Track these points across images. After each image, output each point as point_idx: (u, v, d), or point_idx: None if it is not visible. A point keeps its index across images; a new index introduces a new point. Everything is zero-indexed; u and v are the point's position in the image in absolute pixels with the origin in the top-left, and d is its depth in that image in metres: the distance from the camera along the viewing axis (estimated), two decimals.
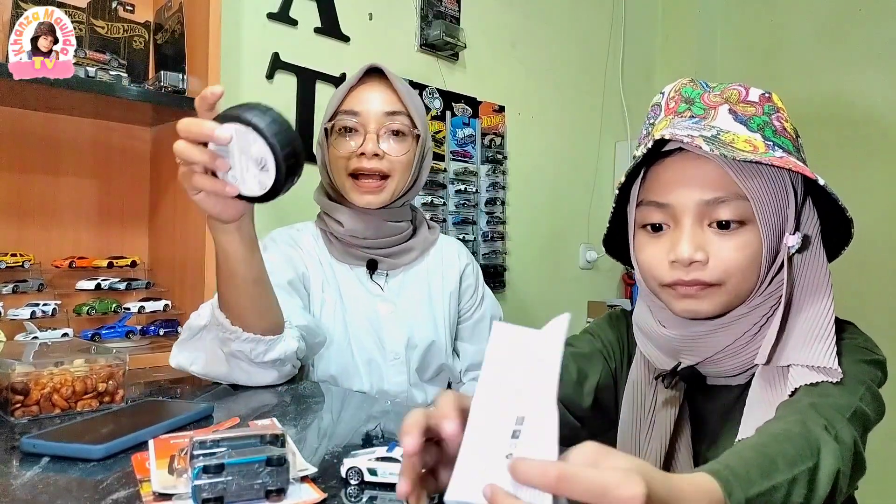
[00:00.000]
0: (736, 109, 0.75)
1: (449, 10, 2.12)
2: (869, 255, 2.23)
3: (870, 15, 2.42)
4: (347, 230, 1.18)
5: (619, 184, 0.81)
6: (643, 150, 0.76)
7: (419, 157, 1.21)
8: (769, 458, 0.55)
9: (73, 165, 1.42)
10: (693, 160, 0.74)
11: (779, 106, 0.77)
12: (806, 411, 0.63)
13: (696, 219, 0.74)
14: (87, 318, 1.31)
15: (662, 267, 0.76)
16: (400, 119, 1.17)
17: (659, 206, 0.76)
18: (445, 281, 1.28)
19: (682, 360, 0.79)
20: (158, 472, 0.57)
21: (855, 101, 2.44)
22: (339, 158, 1.17)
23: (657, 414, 0.83)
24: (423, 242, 1.27)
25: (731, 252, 0.73)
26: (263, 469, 0.52)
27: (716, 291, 0.74)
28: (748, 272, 0.74)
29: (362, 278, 1.21)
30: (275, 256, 1.14)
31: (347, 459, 0.59)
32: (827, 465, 0.57)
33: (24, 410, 0.76)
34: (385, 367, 1.18)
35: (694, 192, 0.73)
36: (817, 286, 0.74)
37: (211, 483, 0.51)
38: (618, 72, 2.77)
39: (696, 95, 0.78)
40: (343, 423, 0.88)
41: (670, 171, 0.76)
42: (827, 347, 0.70)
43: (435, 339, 1.22)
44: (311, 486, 0.57)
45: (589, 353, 0.91)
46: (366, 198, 1.16)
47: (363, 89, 1.18)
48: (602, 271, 2.77)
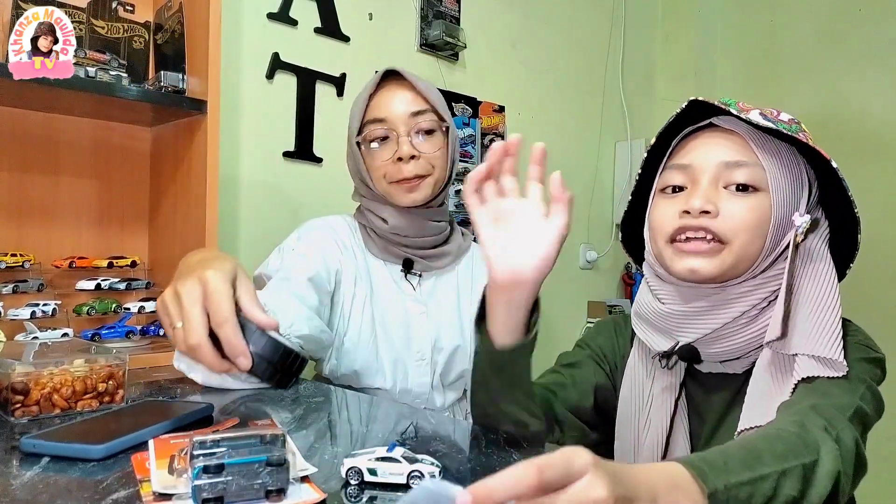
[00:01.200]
0: (766, 114, 0.79)
1: (449, 10, 2.12)
2: (867, 254, 2.22)
3: (870, 15, 2.42)
4: (391, 227, 1.19)
5: (649, 146, 0.86)
6: (677, 110, 0.81)
7: (451, 149, 1.23)
8: (754, 452, 0.56)
9: (73, 165, 1.42)
10: (719, 132, 0.80)
11: (805, 130, 0.81)
12: (805, 413, 0.64)
13: (713, 179, 0.78)
14: (87, 318, 1.31)
15: (673, 219, 0.79)
16: (427, 117, 1.18)
17: (680, 168, 0.80)
18: (475, 289, 1.29)
19: (681, 339, 0.80)
20: (158, 472, 0.57)
21: (854, 102, 2.44)
22: (377, 168, 1.18)
23: (654, 403, 0.84)
24: (458, 248, 1.29)
25: (741, 210, 0.76)
26: (263, 469, 0.52)
27: (720, 249, 0.76)
28: (755, 235, 0.76)
29: (396, 277, 1.22)
30: (306, 248, 1.14)
31: (347, 459, 0.59)
32: (827, 464, 0.57)
33: (24, 410, 0.76)
34: (411, 366, 1.18)
35: (717, 152, 0.78)
36: (823, 278, 0.76)
37: (211, 483, 0.50)
38: (618, 72, 2.77)
39: (732, 102, 0.82)
40: (343, 423, 0.88)
41: (696, 139, 0.81)
42: (834, 340, 0.72)
43: (461, 345, 1.23)
44: (312, 486, 0.57)
45: (578, 361, 0.95)
46: (410, 196, 1.17)
47: (384, 94, 1.19)
48: (602, 271, 2.77)
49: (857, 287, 0.80)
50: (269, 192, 1.72)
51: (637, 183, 0.89)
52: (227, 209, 1.58)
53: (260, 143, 1.71)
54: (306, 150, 1.78)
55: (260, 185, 1.70)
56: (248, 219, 1.68)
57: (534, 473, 0.40)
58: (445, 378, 1.22)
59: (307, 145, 1.79)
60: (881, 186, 2.34)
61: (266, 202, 1.71)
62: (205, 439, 0.53)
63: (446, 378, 1.23)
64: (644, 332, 0.86)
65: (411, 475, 0.57)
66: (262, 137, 1.71)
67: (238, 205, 1.66)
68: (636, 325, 0.88)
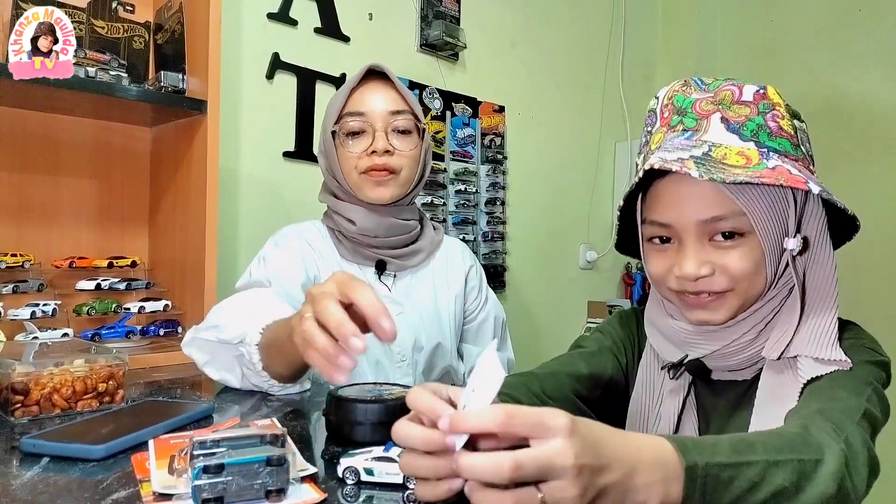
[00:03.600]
0: (728, 116, 0.75)
1: (449, 10, 2.12)
2: (867, 254, 2.23)
3: (870, 15, 2.42)
4: (359, 228, 1.19)
5: (620, 207, 0.83)
6: (636, 177, 0.77)
7: (424, 151, 1.23)
8: (746, 441, 0.56)
9: (73, 165, 1.42)
10: (689, 179, 0.74)
11: (774, 101, 0.76)
12: (811, 417, 0.64)
13: (697, 237, 0.75)
14: (87, 318, 1.31)
15: (670, 278, 0.78)
16: (405, 117, 1.19)
17: (662, 226, 0.78)
18: (451, 283, 1.28)
19: (690, 353, 0.81)
20: (158, 472, 0.57)
21: (854, 101, 2.44)
22: (349, 159, 1.18)
23: (664, 402, 0.84)
24: (430, 244, 1.28)
25: (735, 262, 0.74)
26: (263, 469, 0.52)
27: (727, 298, 0.76)
28: (755, 278, 0.75)
29: (370, 279, 1.21)
30: (288, 256, 1.14)
31: (344, 459, 0.59)
32: (830, 464, 0.57)
33: (24, 410, 0.76)
34: (391, 368, 1.18)
35: (692, 212, 0.74)
36: (823, 281, 0.75)
37: (211, 483, 0.50)
38: (618, 72, 2.77)
39: (688, 105, 0.78)
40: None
41: (668, 191, 0.77)
42: (829, 341, 0.71)
43: (441, 341, 1.23)
44: (312, 486, 0.57)
45: (597, 351, 0.93)
46: (378, 190, 1.17)
47: (365, 90, 1.19)
48: (602, 271, 2.77)
49: (855, 286, 0.79)
50: (269, 192, 1.72)
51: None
52: (227, 209, 1.58)
53: (260, 143, 1.71)
54: (306, 150, 1.78)
55: (260, 185, 1.70)
56: (248, 219, 1.68)
57: (501, 415, 0.44)
58: (428, 376, 1.22)
59: (307, 145, 1.79)
60: (880, 185, 2.34)
61: (266, 202, 1.71)
62: (205, 439, 0.53)
63: (429, 376, 1.22)
64: (656, 339, 0.86)
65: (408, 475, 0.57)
66: (262, 137, 1.71)
67: (238, 205, 1.66)
68: (648, 330, 0.88)
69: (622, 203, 0.81)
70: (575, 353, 0.93)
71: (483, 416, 0.45)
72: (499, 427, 0.44)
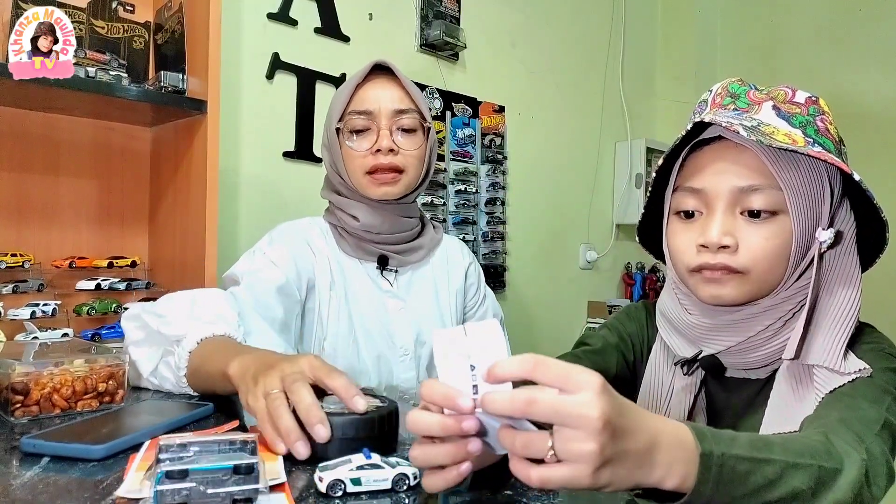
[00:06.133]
0: (780, 107, 0.76)
1: (449, 10, 2.12)
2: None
3: (870, 15, 2.42)
4: (362, 224, 1.18)
5: (658, 167, 0.82)
6: (683, 133, 0.77)
7: (430, 150, 1.22)
8: (765, 441, 0.56)
9: (73, 165, 1.42)
10: (731, 148, 0.74)
11: (824, 110, 0.78)
12: (833, 426, 0.63)
13: (729, 205, 0.74)
14: (87, 318, 1.31)
15: (691, 251, 0.77)
16: (410, 115, 1.18)
17: (693, 192, 0.77)
18: (451, 279, 1.29)
19: (704, 349, 0.80)
20: (136, 474, 0.56)
21: (854, 101, 2.44)
22: (354, 157, 1.17)
23: (673, 400, 0.83)
24: (430, 241, 1.28)
25: (760, 240, 0.73)
26: (230, 477, 0.49)
27: (740, 279, 0.74)
28: (775, 263, 0.74)
29: (372, 274, 1.21)
30: (278, 254, 1.13)
31: (324, 473, 0.55)
32: (850, 474, 0.57)
33: (24, 410, 0.76)
34: (394, 362, 1.18)
35: (729, 178, 0.74)
36: (847, 286, 0.74)
37: (173, 489, 0.48)
38: (618, 72, 2.77)
39: (742, 91, 0.79)
40: None
41: (707, 157, 0.77)
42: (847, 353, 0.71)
43: None
44: (286, 495, 0.54)
45: (602, 348, 0.92)
46: (382, 189, 1.16)
47: (371, 87, 1.18)
48: (602, 271, 2.77)
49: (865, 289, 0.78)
50: (269, 192, 1.72)
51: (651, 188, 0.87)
52: (227, 209, 1.58)
53: (260, 143, 1.71)
54: (306, 149, 1.79)
55: (260, 184, 1.70)
56: (248, 219, 1.68)
57: (531, 363, 0.45)
58: (431, 371, 1.22)
59: (307, 145, 1.79)
60: (880, 185, 2.33)
61: (266, 202, 1.71)
62: (171, 443, 0.51)
63: (432, 371, 1.22)
64: (668, 334, 0.85)
65: (397, 479, 0.55)
66: (262, 137, 1.71)
67: (238, 205, 1.66)
68: (660, 324, 0.87)
69: (661, 163, 0.81)
70: (579, 352, 0.92)
71: (512, 363, 0.46)
72: (528, 374, 0.45)
